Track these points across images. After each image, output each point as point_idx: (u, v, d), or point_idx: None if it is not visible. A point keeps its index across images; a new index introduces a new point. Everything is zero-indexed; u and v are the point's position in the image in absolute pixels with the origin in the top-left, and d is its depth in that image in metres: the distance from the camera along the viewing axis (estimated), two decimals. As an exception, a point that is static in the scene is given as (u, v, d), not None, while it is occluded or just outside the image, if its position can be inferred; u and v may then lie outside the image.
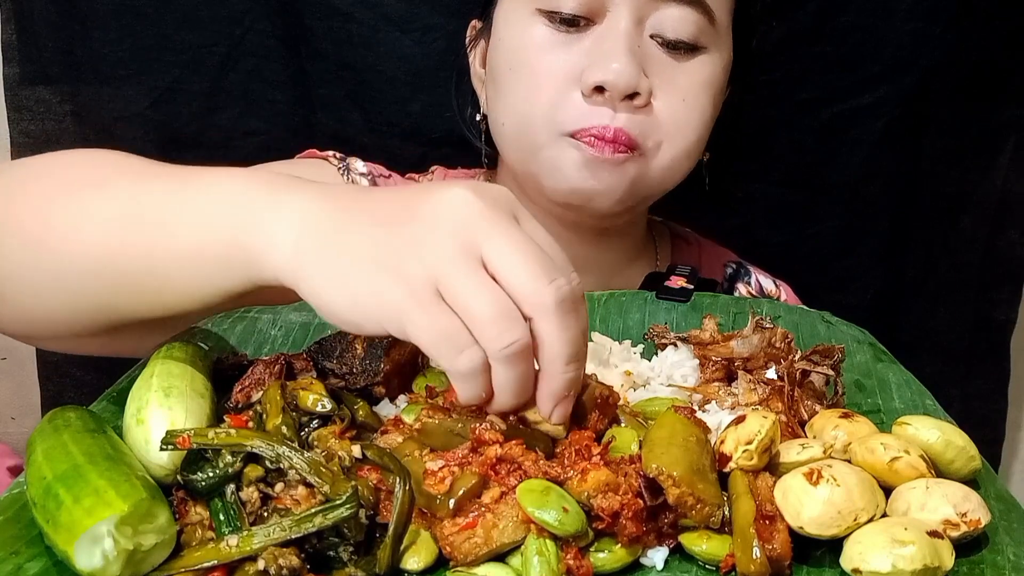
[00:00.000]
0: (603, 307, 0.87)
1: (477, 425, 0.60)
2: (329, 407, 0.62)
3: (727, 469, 0.59)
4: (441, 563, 0.55)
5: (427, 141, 1.21)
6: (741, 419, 0.60)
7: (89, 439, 0.58)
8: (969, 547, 0.57)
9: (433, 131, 1.20)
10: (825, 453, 0.61)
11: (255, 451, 0.56)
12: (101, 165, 0.70)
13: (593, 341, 0.79)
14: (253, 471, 0.56)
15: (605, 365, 0.73)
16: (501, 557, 0.55)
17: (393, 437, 0.62)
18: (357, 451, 0.59)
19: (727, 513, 0.56)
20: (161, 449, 0.57)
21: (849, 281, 1.33)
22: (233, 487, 0.56)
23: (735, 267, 1.12)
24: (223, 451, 0.56)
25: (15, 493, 0.59)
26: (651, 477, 0.55)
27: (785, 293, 1.11)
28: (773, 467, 0.60)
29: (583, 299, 0.58)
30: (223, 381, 0.69)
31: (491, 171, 1.08)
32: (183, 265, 0.62)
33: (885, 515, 0.57)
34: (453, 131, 1.10)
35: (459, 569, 0.54)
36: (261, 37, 1.20)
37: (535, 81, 0.90)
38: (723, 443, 0.59)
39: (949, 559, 0.54)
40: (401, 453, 0.60)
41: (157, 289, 0.64)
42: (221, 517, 0.55)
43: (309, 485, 0.55)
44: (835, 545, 0.56)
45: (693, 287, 0.92)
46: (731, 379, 0.72)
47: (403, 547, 0.55)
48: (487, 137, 1.01)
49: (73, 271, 0.65)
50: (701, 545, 0.56)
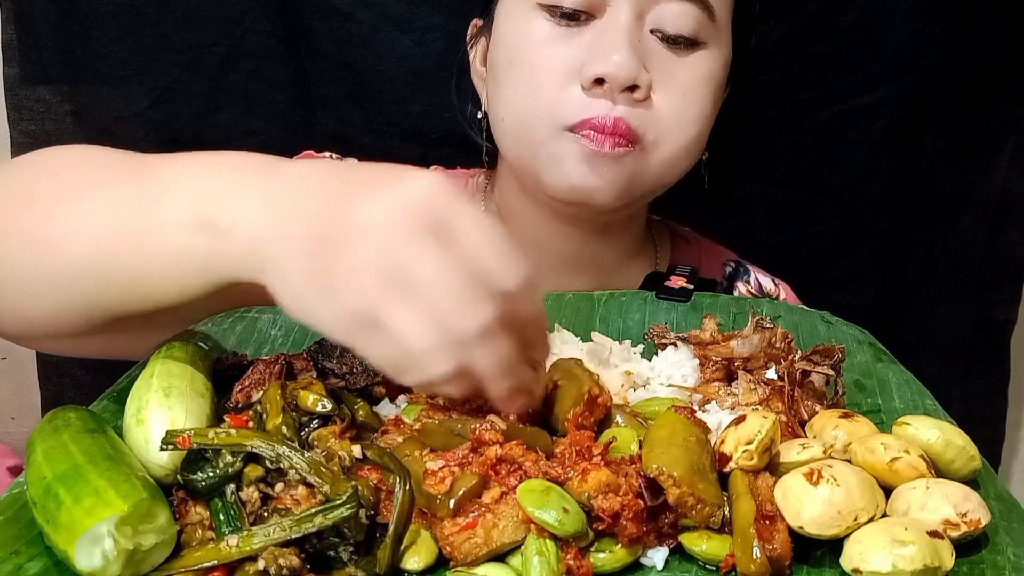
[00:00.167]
0: (603, 307, 0.87)
1: (477, 425, 0.60)
2: (329, 407, 0.62)
3: (727, 469, 0.59)
4: (441, 563, 0.55)
5: (427, 141, 1.21)
6: (741, 419, 0.60)
7: (89, 439, 0.58)
8: (969, 547, 0.57)
9: (433, 131, 1.20)
10: (825, 453, 0.61)
11: (255, 451, 0.56)
12: (74, 168, 0.71)
13: (592, 340, 0.79)
14: (253, 471, 0.56)
15: (605, 365, 0.73)
16: (501, 557, 0.55)
17: (393, 437, 0.62)
18: (357, 451, 0.59)
19: (727, 513, 0.56)
20: (161, 449, 0.57)
21: (849, 281, 1.32)
22: (233, 487, 0.56)
23: (734, 266, 1.12)
24: (223, 451, 0.56)
25: (15, 493, 0.59)
26: (651, 477, 0.55)
27: (785, 292, 1.11)
28: (773, 467, 0.60)
29: (525, 300, 0.58)
30: (223, 381, 0.69)
31: (491, 170, 1.08)
32: (160, 265, 0.63)
33: (885, 515, 0.57)
34: (453, 131, 1.09)
35: (459, 569, 0.54)
36: (261, 37, 1.20)
37: (535, 75, 0.90)
38: (723, 443, 0.59)
39: (949, 559, 0.54)
40: (401, 453, 0.60)
41: (139, 287, 0.65)
42: (221, 517, 0.55)
43: (309, 485, 0.55)
44: (835, 545, 0.56)
45: (693, 287, 0.92)
46: (731, 379, 0.72)
47: (403, 547, 0.55)
48: (488, 135, 1.01)
49: (59, 272, 0.66)
50: (701, 545, 0.56)
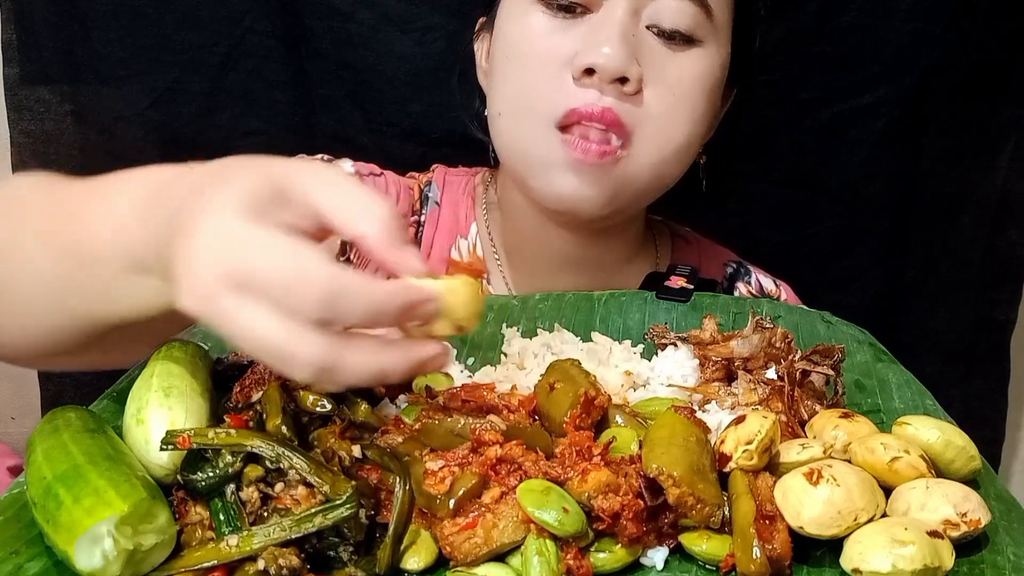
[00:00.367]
0: (603, 307, 0.87)
1: (477, 425, 0.60)
2: (329, 407, 0.62)
3: (727, 469, 0.59)
4: (441, 563, 0.55)
5: (427, 141, 1.21)
6: (741, 419, 0.60)
7: (89, 439, 0.58)
8: (969, 547, 0.57)
9: (433, 131, 1.20)
10: (825, 453, 0.61)
11: (255, 451, 0.56)
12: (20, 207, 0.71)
13: (593, 341, 0.79)
14: (253, 471, 0.56)
15: (605, 365, 0.73)
16: (501, 557, 0.55)
17: (393, 437, 0.62)
18: (357, 451, 0.59)
19: (727, 513, 0.56)
20: (161, 449, 0.57)
21: (849, 281, 1.32)
22: (233, 487, 0.56)
23: (735, 266, 1.12)
24: (223, 451, 0.56)
25: (15, 493, 0.59)
26: (651, 477, 0.55)
27: (785, 293, 1.11)
28: (773, 467, 0.60)
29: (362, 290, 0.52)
30: (223, 381, 0.69)
31: (494, 169, 1.08)
32: (114, 303, 0.63)
33: (885, 515, 0.57)
34: (453, 131, 1.10)
35: (459, 569, 0.54)
36: (261, 37, 1.20)
37: (529, 66, 0.90)
38: (723, 443, 0.59)
39: (949, 559, 0.54)
40: (401, 453, 0.60)
41: (101, 318, 0.65)
42: (221, 517, 0.55)
43: (309, 485, 0.55)
44: (835, 545, 0.56)
45: (693, 287, 0.92)
46: (731, 379, 0.72)
47: (403, 547, 0.55)
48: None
49: (23, 298, 0.68)
50: (701, 545, 0.56)
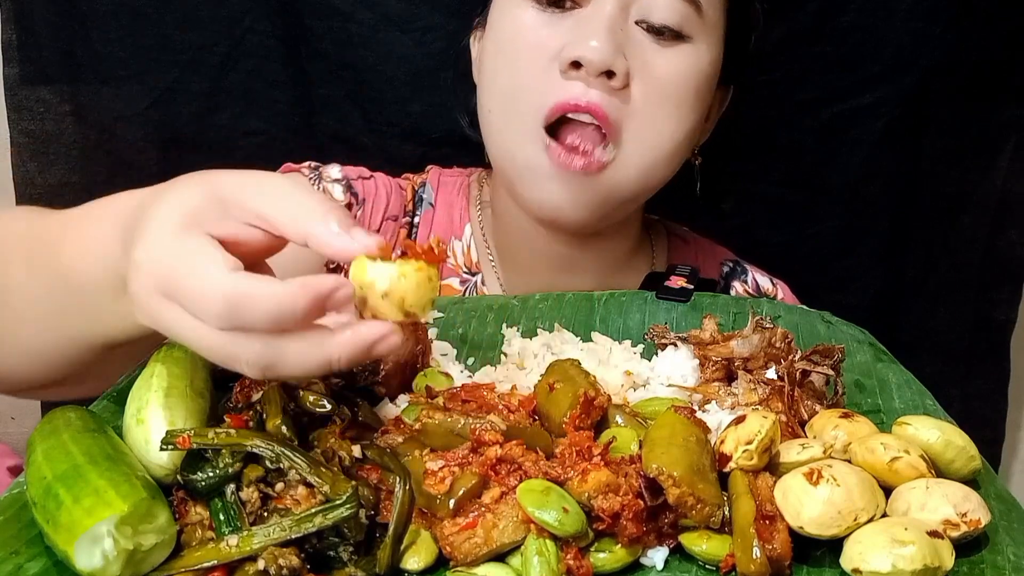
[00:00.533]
0: (603, 307, 0.87)
1: (477, 425, 0.60)
2: (329, 407, 0.62)
3: (727, 469, 0.59)
4: (441, 563, 0.55)
5: (427, 141, 1.21)
6: (741, 419, 0.60)
7: (89, 439, 0.58)
8: (969, 547, 0.57)
9: (433, 131, 1.20)
10: (825, 453, 0.61)
11: (255, 451, 0.56)
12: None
13: (592, 340, 0.79)
14: (253, 471, 0.56)
15: (605, 365, 0.73)
16: (501, 557, 0.55)
17: (393, 437, 0.62)
18: (357, 451, 0.59)
19: (727, 513, 0.56)
20: (161, 449, 0.57)
21: (849, 281, 1.32)
22: (233, 487, 0.56)
23: (732, 265, 1.12)
24: (223, 451, 0.56)
25: (15, 493, 0.58)
26: (651, 477, 0.55)
27: (782, 292, 1.11)
28: (773, 467, 0.60)
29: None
30: (223, 381, 0.69)
31: (489, 169, 1.08)
32: (106, 326, 0.66)
33: (885, 515, 0.57)
34: (453, 131, 1.10)
35: (459, 569, 0.54)
36: (261, 37, 1.20)
37: (519, 60, 0.90)
38: (723, 443, 0.59)
39: (949, 559, 0.54)
40: (401, 453, 0.60)
41: (96, 340, 0.68)
42: (221, 517, 0.55)
43: (309, 485, 0.55)
44: (835, 545, 0.56)
45: (693, 287, 0.92)
46: (731, 379, 0.72)
47: (403, 547, 0.55)
48: None
49: (19, 329, 0.71)
50: (701, 545, 0.56)
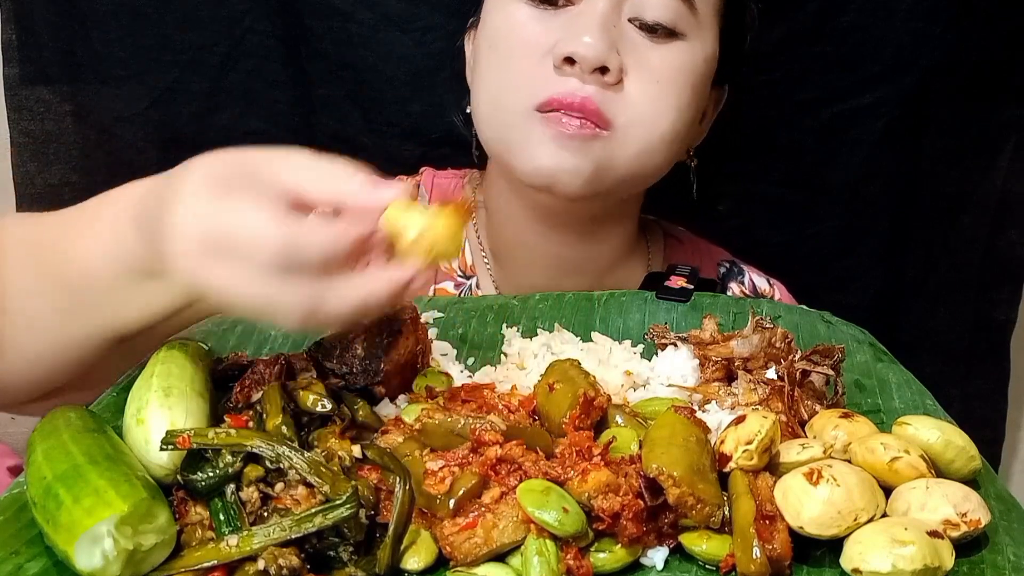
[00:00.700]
0: (603, 307, 0.87)
1: (477, 425, 0.60)
2: (329, 407, 0.62)
3: (727, 469, 0.59)
4: (441, 563, 0.55)
5: (427, 141, 1.21)
6: (741, 419, 0.60)
7: (89, 439, 0.58)
8: (969, 547, 0.57)
9: (433, 131, 1.20)
10: (825, 453, 0.61)
11: (255, 451, 0.56)
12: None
13: (592, 340, 0.79)
14: (253, 471, 0.56)
15: (605, 365, 0.73)
16: (501, 557, 0.55)
17: (393, 437, 0.62)
18: (357, 451, 0.59)
19: (727, 513, 0.56)
20: (161, 449, 0.57)
21: (849, 281, 1.32)
22: (233, 487, 0.56)
23: (728, 266, 1.11)
24: (223, 451, 0.56)
25: (15, 493, 0.59)
26: (651, 477, 0.55)
27: (779, 292, 1.11)
28: (773, 467, 0.60)
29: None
30: (223, 381, 0.69)
31: (482, 170, 1.08)
32: (125, 317, 0.69)
33: (885, 515, 0.57)
34: (453, 131, 1.09)
35: (459, 569, 0.54)
36: (261, 37, 1.20)
37: (511, 55, 0.90)
38: (723, 443, 0.59)
39: (949, 559, 0.54)
40: (401, 453, 0.60)
41: (113, 330, 0.70)
42: (221, 517, 0.55)
43: (309, 485, 0.55)
44: (835, 545, 0.56)
45: (693, 287, 0.92)
46: (731, 379, 0.72)
47: (403, 547, 0.55)
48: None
49: (28, 331, 0.73)
50: (701, 545, 0.56)
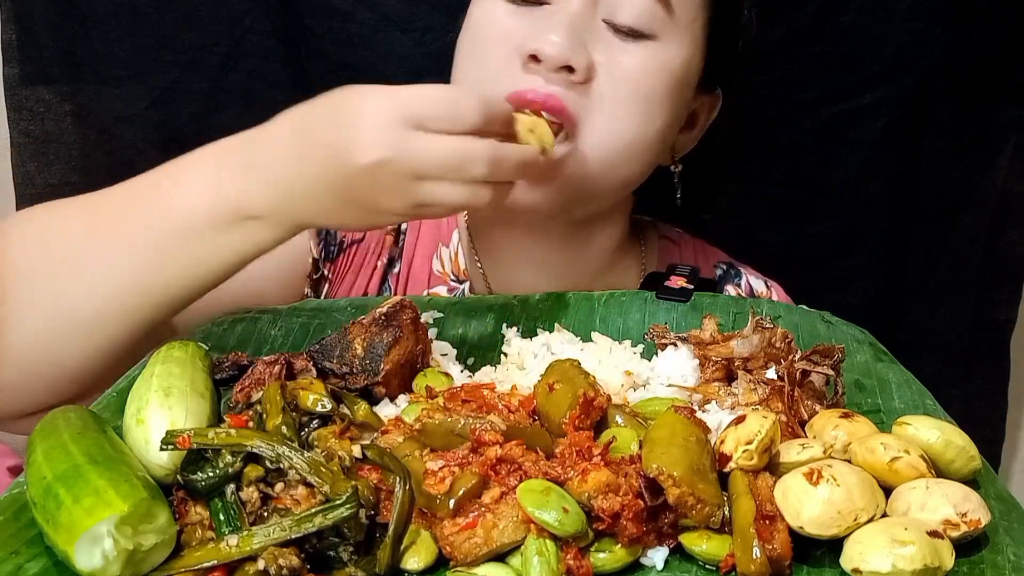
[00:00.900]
0: (603, 307, 0.87)
1: (477, 425, 0.60)
2: (329, 407, 0.62)
3: (727, 469, 0.59)
4: (441, 563, 0.55)
5: (426, 141, 1.21)
6: (741, 419, 0.60)
7: (89, 439, 0.58)
8: (969, 547, 0.57)
9: (432, 131, 1.20)
10: (825, 453, 0.61)
11: (255, 451, 0.56)
12: (59, 233, 0.80)
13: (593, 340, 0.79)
14: (253, 471, 0.56)
15: (605, 365, 0.73)
16: (501, 557, 0.55)
17: (393, 437, 0.62)
18: (357, 451, 0.59)
19: (727, 513, 0.56)
20: (161, 449, 0.57)
21: (849, 281, 1.32)
22: (233, 487, 0.56)
23: (725, 267, 1.10)
24: (223, 451, 0.56)
25: (15, 493, 0.59)
26: (651, 477, 0.55)
27: (776, 294, 1.10)
28: (773, 467, 0.60)
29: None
30: (223, 381, 0.69)
31: None
32: (205, 267, 0.76)
33: (885, 515, 0.57)
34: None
35: (459, 569, 0.54)
36: (261, 37, 1.20)
37: (484, 50, 0.90)
38: (723, 443, 0.59)
39: (949, 559, 0.54)
40: (401, 453, 0.60)
41: (193, 287, 0.77)
42: (221, 517, 0.55)
43: (309, 485, 0.55)
44: (835, 545, 0.56)
45: (693, 287, 0.92)
46: (731, 379, 0.72)
47: (403, 547, 0.55)
48: None
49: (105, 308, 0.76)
50: (701, 545, 0.56)
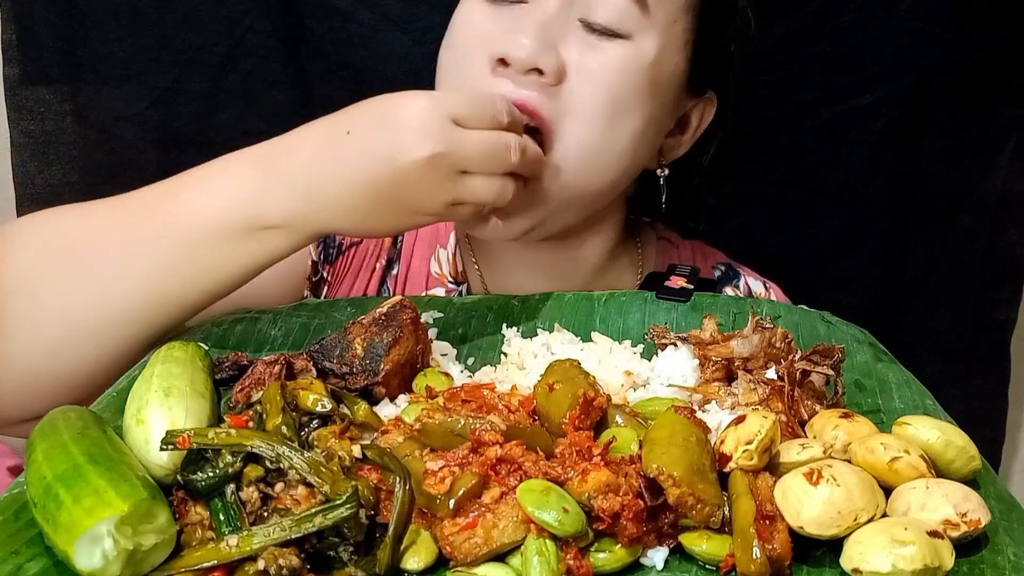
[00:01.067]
0: (603, 307, 0.87)
1: (477, 425, 0.60)
2: (329, 407, 0.62)
3: (727, 469, 0.59)
4: (441, 563, 0.55)
5: (426, 141, 1.21)
6: (741, 419, 0.60)
7: (89, 439, 0.58)
8: (969, 547, 0.57)
9: (432, 131, 1.20)
10: (825, 453, 0.61)
11: (255, 451, 0.56)
12: (79, 234, 0.80)
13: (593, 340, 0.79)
14: (253, 471, 0.56)
15: (605, 365, 0.73)
16: (501, 557, 0.55)
17: (393, 437, 0.62)
18: (357, 451, 0.59)
19: (727, 513, 0.56)
20: (161, 449, 0.57)
21: (849, 281, 1.32)
22: (233, 487, 0.56)
23: (724, 269, 1.10)
24: (223, 451, 0.56)
25: (15, 493, 0.59)
26: (651, 477, 0.55)
27: (775, 295, 1.09)
28: (773, 467, 0.60)
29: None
30: (223, 381, 0.69)
31: None
32: (219, 276, 0.77)
33: (885, 515, 0.57)
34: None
35: (459, 569, 0.54)
36: (261, 37, 1.20)
37: (460, 53, 0.90)
38: (723, 443, 0.59)
39: (949, 559, 0.54)
40: (401, 453, 0.60)
41: (207, 295, 0.78)
42: (221, 517, 0.55)
43: (309, 485, 0.55)
44: (835, 545, 0.56)
45: (693, 287, 0.92)
46: (731, 379, 0.72)
47: (403, 547, 0.55)
48: None
49: (119, 314, 0.77)
50: (701, 545, 0.56)
